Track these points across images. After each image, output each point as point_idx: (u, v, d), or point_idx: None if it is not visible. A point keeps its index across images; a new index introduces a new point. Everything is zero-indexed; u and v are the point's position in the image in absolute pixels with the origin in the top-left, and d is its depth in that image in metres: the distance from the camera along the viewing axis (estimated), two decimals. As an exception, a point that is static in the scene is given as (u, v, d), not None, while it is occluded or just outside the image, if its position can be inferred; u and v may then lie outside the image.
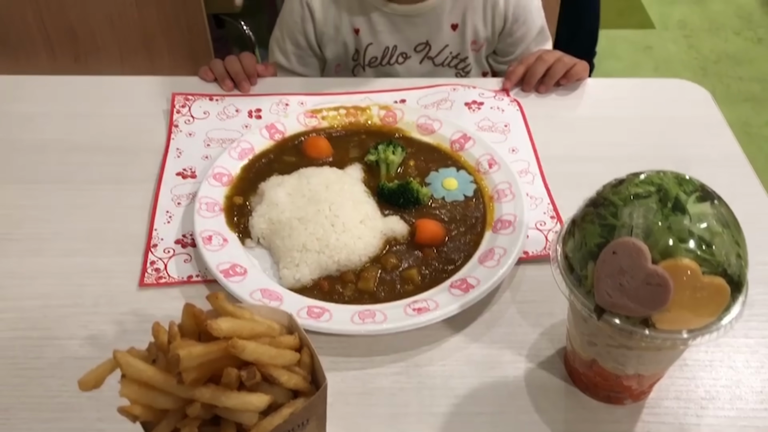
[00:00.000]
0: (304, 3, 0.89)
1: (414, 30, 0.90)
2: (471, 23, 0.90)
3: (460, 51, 0.92)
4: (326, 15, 0.90)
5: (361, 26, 0.90)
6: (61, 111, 0.81)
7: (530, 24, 0.91)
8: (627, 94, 0.85)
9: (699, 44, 2.47)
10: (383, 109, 0.78)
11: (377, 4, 0.88)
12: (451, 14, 0.89)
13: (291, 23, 0.91)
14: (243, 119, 0.79)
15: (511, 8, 0.89)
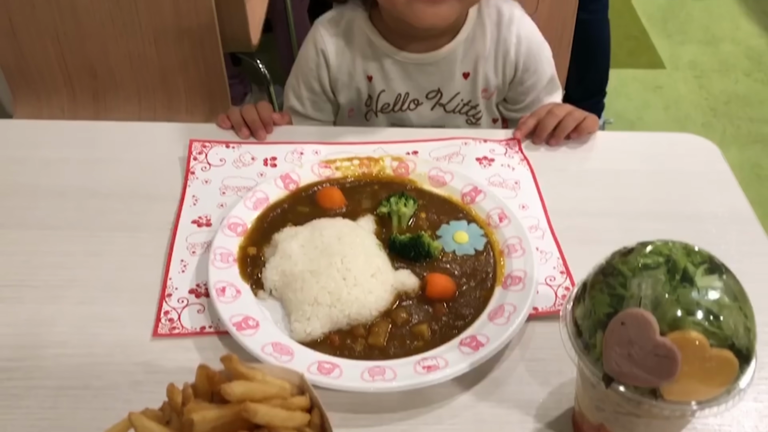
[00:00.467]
0: (319, 50, 0.91)
1: (426, 78, 0.92)
2: (482, 72, 0.92)
3: (471, 98, 0.94)
4: (340, 62, 0.92)
5: (374, 73, 0.92)
6: (81, 157, 0.83)
7: (540, 74, 0.93)
8: (636, 148, 0.86)
9: (709, 85, 2.48)
10: (396, 160, 0.80)
11: (390, 52, 0.90)
12: (463, 63, 0.91)
13: (306, 69, 0.93)
14: (258, 167, 0.81)
15: (522, 58, 0.91)
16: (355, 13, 0.91)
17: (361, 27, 0.91)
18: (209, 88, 1.38)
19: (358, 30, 0.91)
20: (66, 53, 1.34)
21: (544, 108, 0.86)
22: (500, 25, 0.90)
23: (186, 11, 1.28)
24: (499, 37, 0.90)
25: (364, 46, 0.91)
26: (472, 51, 0.90)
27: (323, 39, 0.91)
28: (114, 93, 1.40)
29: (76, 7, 1.28)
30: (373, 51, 0.91)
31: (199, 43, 1.32)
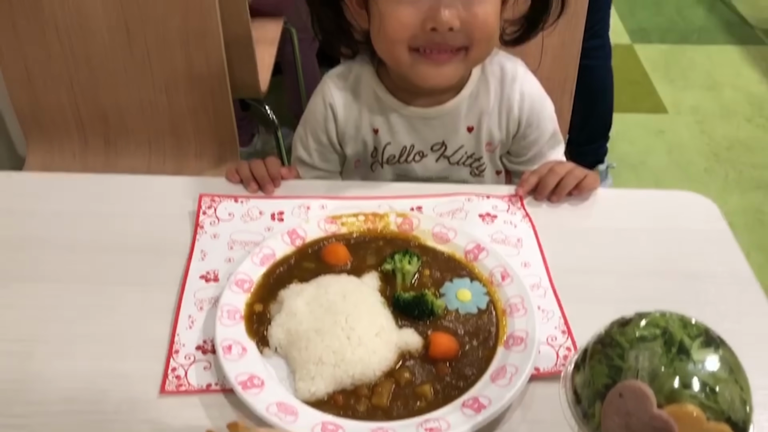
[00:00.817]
0: (327, 104, 0.94)
1: (431, 131, 0.94)
2: (486, 126, 0.94)
3: (475, 151, 0.96)
4: (348, 115, 0.94)
5: (380, 126, 0.94)
6: (92, 210, 0.85)
7: (543, 129, 0.95)
8: (636, 206, 0.88)
9: (711, 130, 2.51)
10: (400, 217, 0.81)
11: (396, 106, 0.93)
12: (467, 118, 0.93)
13: (314, 122, 0.96)
14: (266, 222, 0.83)
15: (525, 114, 0.93)
16: (362, 69, 0.94)
17: (369, 82, 0.93)
18: (218, 134, 1.41)
19: (366, 85, 0.94)
20: (79, 100, 1.38)
21: (546, 166, 0.88)
22: (504, 81, 0.93)
23: (197, 60, 1.32)
24: (502, 93, 0.93)
25: (371, 100, 0.94)
26: (476, 106, 0.93)
27: (332, 93, 0.94)
28: (125, 139, 1.43)
29: (90, 56, 1.32)
30: (379, 105, 0.93)
31: (209, 92, 1.36)
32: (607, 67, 1.98)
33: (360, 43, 0.92)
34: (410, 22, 0.79)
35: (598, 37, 1.91)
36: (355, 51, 0.94)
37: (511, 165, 1.00)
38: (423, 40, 0.81)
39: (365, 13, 0.85)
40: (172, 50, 1.30)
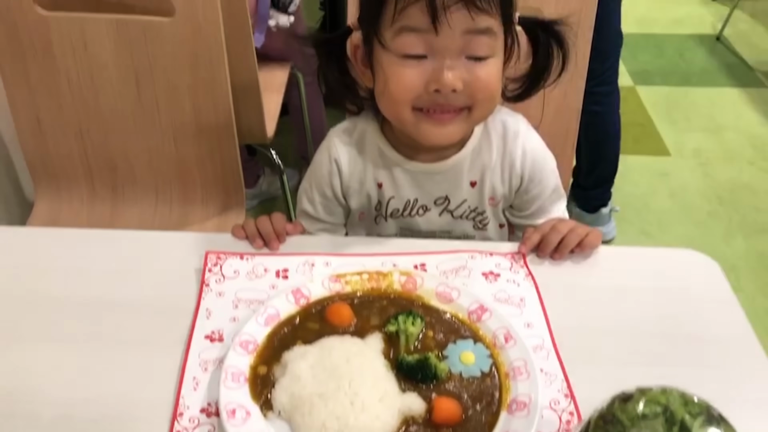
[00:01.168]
0: (332, 159, 0.95)
1: (434, 185, 0.95)
2: (489, 181, 0.95)
3: (478, 205, 0.97)
4: (352, 170, 0.96)
5: (384, 181, 0.95)
6: (99, 267, 0.86)
7: (545, 184, 0.96)
8: (638, 265, 0.89)
9: (714, 173, 2.53)
10: (404, 275, 0.82)
11: (400, 161, 0.94)
12: (470, 173, 0.95)
13: (319, 176, 0.97)
14: (270, 279, 0.83)
15: (527, 170, 0.95)
16: (367, 125, 0.96)
17: (373, 138, 0.95)
18: (224, 182, 1.43)
19: (370, 140, 0.95)
20: (88, 149, 1.40)
21: (548, 223, 0.89)
22: (506, 138, 0.94)
23: (205, 110, 1.34)
24: (505, 149, 0.94)
25: (375, 155, 0.95)
26: (478, 161, 0.94)
27: (337, 148, 0.95)
28: (132, 186, 1.44)
29: (100, 106, 1.34)
30: (383, 160, 0.95)
31: (216, 140, 1.38)
32: (617, 113, 2.00)
33: (365, 99, 0.94)
34: (414, 84, 0.81)
35: (608, 83, 1.94)
36: (360, 107, 0.95)
37: (514, 219, 1.01)
38: (426, 101, 0.82)
39: (370, 72, 0.87)
40: (180, 100, 1.33)
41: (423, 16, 0.78)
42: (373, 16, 0.81)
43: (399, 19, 0.79)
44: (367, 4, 0.84)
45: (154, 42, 1.27)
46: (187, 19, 1.24)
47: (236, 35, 1.49)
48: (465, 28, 0.78)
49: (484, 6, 0.78)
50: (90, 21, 1.26)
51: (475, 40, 0.80)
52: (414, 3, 0.78)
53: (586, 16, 1.19)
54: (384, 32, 0.81)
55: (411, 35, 0.79)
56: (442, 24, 0.77)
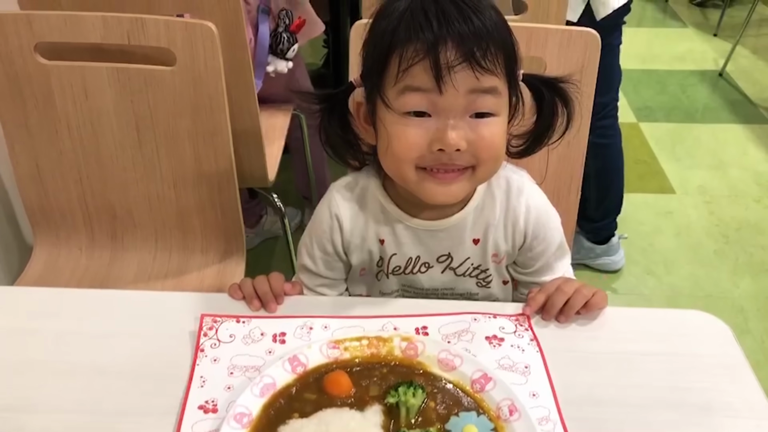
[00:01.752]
0: (333, 214, 0.94)
1: (437, 243, 0.94)
2: (492, 239, 0.93)
3: (481, 263, 0.95)
4: (353, 226, 0.94)
5: (386, 237, 0.94)
6: (91, 329, 0.83)
7: (549, 241, 0.95)
8: (646, 327, 0.86)
9: (720, 211, 2.51)
10: (405, 341, 0.80)
11: (402, 218, 0.92)
12: (473, 230, 0.93)
13: (320, 232, 0.95)
14: (267, 344, 0.81)
15: (531, 227, 0.93)
16: (369, 181, 0.94)
17: (375, 194, 0.94)
18: (225, 229, 1.41)
19: (372, 196, 0.94)
20: (87, 195, 1.39)
21: (553, 284, 0.87)
22: (509, 194, 0.93)
23: (205, 157, 1.33)
24: (508, 206, 0.92)
25: (377, 211, 0.94)
26: (481, 219, 0.93)
27: (338, 204, 0.94)
28: (132, 233, 1.43)
29: (100, 153, 1.34)
30: (385, 217, 0.93)
31: (216, 188, 1.37)
32: (620, 143, 2.04)
33: (367, 155, 0.92)
34: (418, 143, 0.79)
35: (610, 117, 1.98)
36: (363, 162, 0.94)
37: (518, 275, 0.99)
38: (430, 160, 0.80)
39: (373, 129, 0.86)
40: (181, 147, 1.32)
41: (427, 75, 0.76)
42: (376, 75, 0.80)
43: (403, 78, 0.78)
44: (369, 63, 0.83)
45: (155, 90, 1.27)
46: (189, 68, 1.23)
47: (238, 81, 1.50)
48: (469, 88, 0.77)
49: (489, 66, 0.77)
50: (91, 70, 1.26)
51: (479, 100, 0.78)
52: (418, 63, 0.77)
53: (589, 66, 1.18)
54: (387, 91, 0.80)
55: (415, 95, 0.78)
56: (446, 84, 0.76)
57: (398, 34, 0.77)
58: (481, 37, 0.77)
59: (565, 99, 0.87)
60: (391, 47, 0.78)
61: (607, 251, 2.18)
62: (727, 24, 3.80)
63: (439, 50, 0.76)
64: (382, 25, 0.80)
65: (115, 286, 1.39)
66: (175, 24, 1.21)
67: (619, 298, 2.13)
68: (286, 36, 1.76)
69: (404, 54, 0.77)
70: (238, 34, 1.42)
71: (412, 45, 0.76)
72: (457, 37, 0.76)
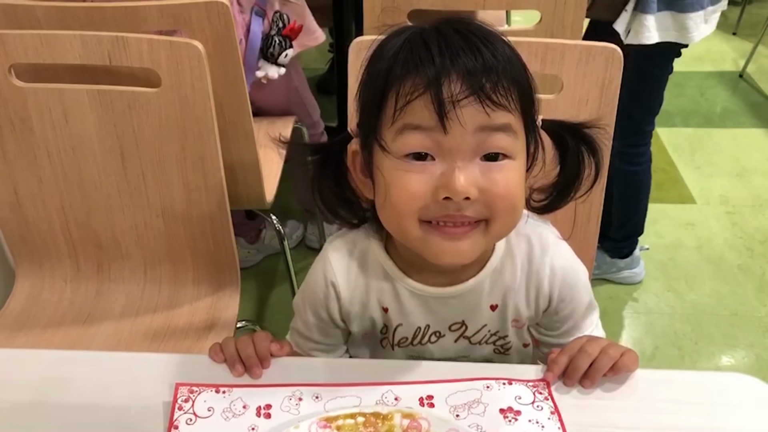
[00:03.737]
0: (329, 282, 0.83)
1: (449, 311, 0.82)
2: (512, 304, 0.82)
3: (500, 329, 0.85)
4: (352, 293, 0.83)
5: (390, 305, 0.83)
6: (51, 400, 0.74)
7: (577, 302, 0.84)
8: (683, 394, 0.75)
9: (743, 222, 2.39)
10: (407, 418, 0.70)
11: (408, 284, 0.81)
12: (491, 296, 0.82)
13: (314, 298, 0.85)
14: (250, 418, 0.71)
15: (557, 290, 0.82)
16: (369, 242, 0.83)
17: (376, 257, 0.82)
18: (217, 260, 1.32)
19: (373, 260, 0.82)
20: (71, 224, 1.31)
21: (576, 343, 0.76)
22: (532, 255, 0.81)
23: (195, 184, 1.24)
24: (530, 268, 0.81)
25: (380, 276, 0.82)
26: (500, 283, 0.81)
27: (334, 270, 0.82)
28: (119, 264, 1.35)
29: (83, 180, 1.26)
30: (389, 283, 0.82)
31: (208, 216, 1.28)
32: (648, 170, 1.94)
33: (366, 211, 0.82)
34: (420, 191, 0.68)
35: (643, 144, 1.87)
36: (362, 220, 0.83)
37: (541, 337, 0.87)
38: (435, 212, 0.69)
39: (370, 182, 0.75)
40: (168, 174, 1.23)
41: (429, 112, 0.66)
42: (372, 117, 0.70)
43: (401, 116, 0.67)
44: (364, 105, 0.73)
45: (140, 114, 1.18)
46: (175, 89, 1.15)
47: (231, 99, 1.41)
48: (479, 125, 0.66)
49: (500, 101, 0.67)
50: (70, 92, 1.18)
51: (491, 139, 0.67)
52: (417, 98, 0.66)
53: (611, 84, 1.07)
54: (384, 133, 0.69)
55: (415, 134, 0.67)
56: (451, 121, 0.65)
57: (395, 71, 0.67)
58: (491, 70, 0.66)
59: (593, 147, 0.76)
60: (388, 85, 0.68)
61: (629, 264, 2.09)
62: (746, 22, 3.66)
63: (442, 83, 0.65)
64: (376, 67, 0.70)
65: (102, 320, 1.31)
66: (158, 43, 1.12)
67: (639, 318, 2.03)
68: (278, 40, 1.66)
69: (401, 90, 0.67)
70: (230, 50, 1.33)
71: (411, 80, 0.66)
72: (462, 69, 0.66)
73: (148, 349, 1.23)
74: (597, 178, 0.76)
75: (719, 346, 1.92)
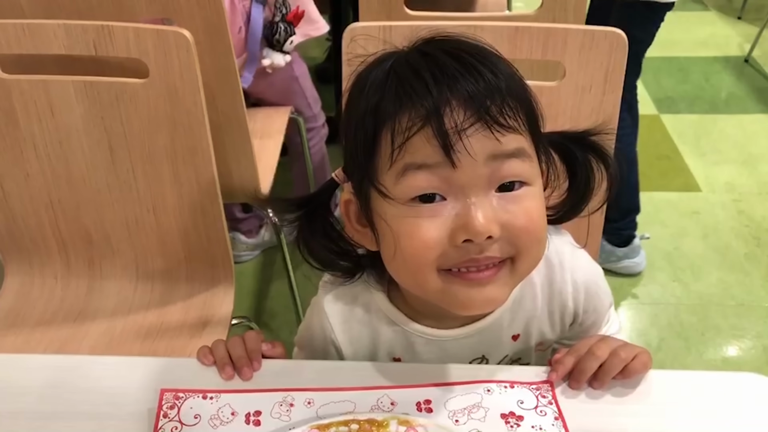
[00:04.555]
0: (328, 339, 0.77)
1: (467, 349, 0.77)
2: (536, 330, 0.77)
3: (522, 356, 0.80)
4: (356, 349, 0.77)
5: (403, 355, 0.77)
6: (31, 409, 0.70)
7: (600, 309, 0.79)
8: (694, 396, 0.71)
9: (750, 210, 2.35)
10: (403, 425, 0.66)
11: (421, 332, 0.75)
12: (511, 327, 0.76)
13: (313, 348, 0.79)
14: (239, 426, 0.68)
15: (581, 304, 0.77)
16: (371, 294, 0.76)
17: (382, 310, 0.75)
18: (211, 255, 1.29)
19: (377, 312, 0.76)
20: (60, 220, 1.27)
21: (585, 343, 0.72)
22: (552, 277, 0.75)
23: (186, 178, 1.21)
24: (552, 290, 0.76)
25: (387, 329, 0.76)
26: (521, 313, 0.76)
27: (332, 327, 0.76)
28: (110, 260, 1.31)
29: (71, 175, 1.22)
30: (399, 333, 0.76)
31: (200, 210, 1.24)
32: (631, 137, 1.91)
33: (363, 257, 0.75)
34: (435, 238, 0.60)
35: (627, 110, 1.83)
36: (358, 269, 0.76)
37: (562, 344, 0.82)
38: (456, 258, 0.61)
39: (370, 232, 0.67)
40: (158, 167, 1.19)
41: (432, 147, 0.58)
42: (365, 161, 0.62)
43: (400, 156, 0.60)
44: (352, 149, 0.64)
45: (128, 105, 1.14)
46: (163, 80, 1.11)
47: (224, 89, 1.37)
48: (489, 153, 0.59)
49: (509, 122, 0.59)
50: (56, 84, 1.14)
51: (504, 167, 0.60)
52: (416, 133, 0.58)
53: (615, 70, 1.02)
54: (382, 177, 0.62)
55: (420, 174, 0.60)
56: (459, 153, 0.58)
57: (384, 107, 0.60)
58: (494, 89, 0.59)
59: (603, 156, 0.71)
60: (378, 123, 0.60)
61: (628, 253, 2.05)
62: (752, 5, 3.60)
63: (443, 112, 0.58)
64: (361, 105, 0.62)
65: (93, 318, 1.28)
66: (145, 32, 1.08)
67: (644, 309, 1.99)
68: (284, 26, 1.61)
69: (397, 127, 0.59)
70: (222, 39, 1.29)
71: (406, 114, 0.59)
72: (464, 93, 0.58)
73: (140, 347, 1.20)
74: (611, 187, 0.71)
75: (726, 337, 1.88)
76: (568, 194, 0.73)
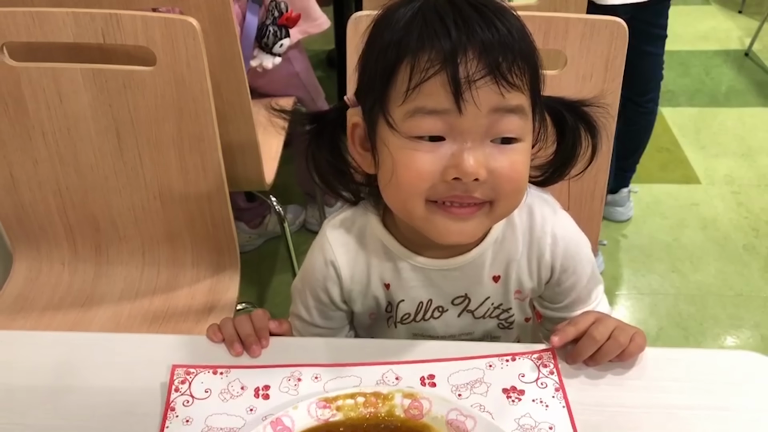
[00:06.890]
0: (328, 262, 0.81)
1: (450, 283, 0.81)
2: (515, 275, 0.81)
3: (503, 302, 0.83)
4: (353, 272, 0.81)
5: (392, 281, 0.81)
6: (46, 383, 0.72)
7: (580, 273, 0.82)
8: (690, 372, 0.74)
9: (749, 202, 2.37)
10: (408, 398, 0.68)
11: (408, 258, 0.80)
12: (492, 267, 0.80)
13: (313, 280, 0.83)
14: (248, 399, 0.70)
15: (559, 260, 0.80)
16: (367, 217, 0.81)
17: (375, 233, 0.80)
18: (216, 241, 1.31)
19: (372, 236, 0.81)
20: (68, 206, 1.29)
21: (585, 320, 0.74)
22: (533, 225, 0.80)
23: (192, 165, 1.22)
24: (532, 238, 0.80)
25: (380, 252, 0.81)
26: (502, 254, 0.80)
27: (333, 250, 0.81)
28: (117, 246, 1.33)
29: (79, 162, 1.23)
30: (389, 258, 0.80)
31: (206, 197, 1.26)
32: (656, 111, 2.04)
33: (361, 185, 0.80)
34: (429, 171, 0.66)
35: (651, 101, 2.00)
36: (356, 195, 0.81)
37: (545, 311, 0.86)
38: (443, 192, 0.67)
39: (371, 156, 0.72)
40: (165, 154, 1.21)
41: (444, 93, 0.63)
42: (380, 89, 0.67)
43: (414, 98, 0.64)
44: (369, 76, 0.69)
45: (135, 93, 1.16)
46: (170, 68, 1.12)
47: (229, 78, 1.38)
48: (493, 106, 0.64)
49: (515, 81, 0.64)
50: (64, 71, 1.15)
51: (503, 121, 0.65)
52: (432, 76, 0.63)
53: (615, 59, 1.04)
54: (393, 110, 0.66)
55: (428, 118, 0.65)
56: (466, 102, 0.63)
57: (408, 42, 0.64)
58: (507, 47, 0.64)
59: (591, 126, 0.74)
60: (400, 57, 0.64)
61: (616, 200, 2.16)
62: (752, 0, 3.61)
63: (459, 60, 0.62)
64: (385, 37, 0.67)
65: (100, 303, 1.30)
66: (153, 20, 1.09)
67: (643, 299, 2.01)
68: (273, 29, 1.63)
69: (416, 65, 0.64)
70: (227, 29, 1.30)
71: (426, 54, 0.63)
72: (479, 45, 0.62)
73: (147, 331, 1.22)
74: (593, 159, 0.74)
75: (724, 327, 1.90)
76: (554, 156, 0.77)
